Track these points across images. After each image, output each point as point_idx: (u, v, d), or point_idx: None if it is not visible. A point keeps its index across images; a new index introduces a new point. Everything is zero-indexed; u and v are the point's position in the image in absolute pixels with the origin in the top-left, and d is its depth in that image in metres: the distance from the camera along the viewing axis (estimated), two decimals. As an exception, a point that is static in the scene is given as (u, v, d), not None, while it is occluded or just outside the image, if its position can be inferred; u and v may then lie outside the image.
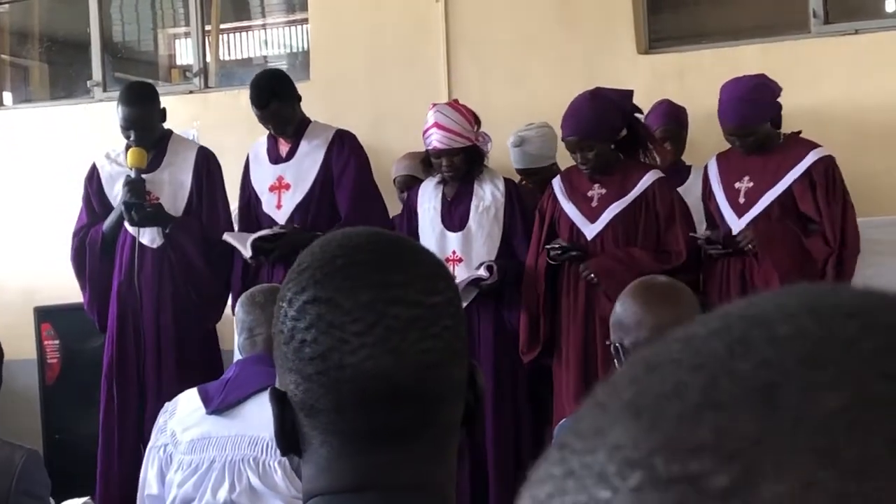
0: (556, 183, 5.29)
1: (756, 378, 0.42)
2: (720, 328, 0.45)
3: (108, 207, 5.77)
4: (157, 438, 3.25)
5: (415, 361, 1.18)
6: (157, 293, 5.58)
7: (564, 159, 5.63)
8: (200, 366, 5.37)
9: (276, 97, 5.52)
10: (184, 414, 3.19)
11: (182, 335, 5.55)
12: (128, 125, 5.62)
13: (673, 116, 5.81)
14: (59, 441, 6.41)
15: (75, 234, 5.84)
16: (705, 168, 5.25)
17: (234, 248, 5.56)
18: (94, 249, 5.73)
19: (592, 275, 4.96)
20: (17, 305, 6.72)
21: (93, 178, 5.87)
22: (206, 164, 5.74)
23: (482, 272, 5.18)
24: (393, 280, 1.19)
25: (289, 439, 1.22)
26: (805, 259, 4.90)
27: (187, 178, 5.70)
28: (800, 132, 5.16)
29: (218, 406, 3.12)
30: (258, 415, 3.04)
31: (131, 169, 5.58)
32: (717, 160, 5.19)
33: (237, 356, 3.42)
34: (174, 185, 5.69)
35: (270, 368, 3.12)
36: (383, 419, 1.18)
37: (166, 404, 3.32)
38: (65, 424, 6.48)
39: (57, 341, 6.52)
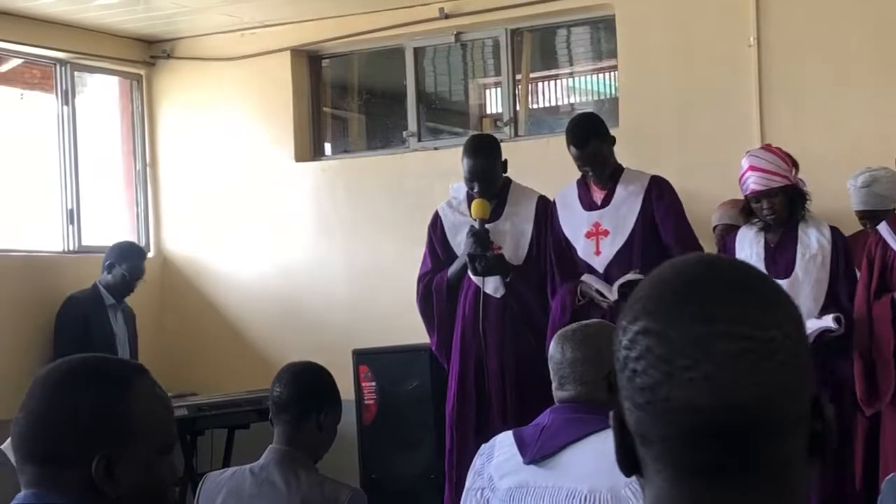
0: (884, 228, 5.10)
1: None
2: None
3: (451, 254, 5.94)
4: (473, 481, 3.28)
5: (744, 398, 1.16)
6: (501, 340, 5.71)
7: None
8: (540, 410, 5.46)
9: (594, 137, 5.57)
10: (501, 459, 3.22)
11: (524, 380, 5.64)
12: (472, 177, 5.78)
13: None
14: (375, 480, 6.60)
15: (420, 280, 6.03)
16: None
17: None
18: (440, 295, 5.92)
19: None
20: (337, 346, 6.98)
21: (436, 225, 6.05)
22: (546, 212, 5.83)
23: (831, 324, 5.01)
24: (725, 313, 1.18)
25: (628, 461, 1.24)
26: None
27: (528, 227, 5.82)
28: None
29: (535, 456, 3.13)
30: (575, 466, 3.04)
31: (475, 220, 5.74)
32: None
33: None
34: (515, 235, 5.82)
35: (585, 416, 3.13)
36: (711, 454, 1.17)
37: (483, 446, 3.35)
38: (381, 464, 6.67)
39: (374, 383, 6.73)
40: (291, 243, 7.93)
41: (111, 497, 1.87)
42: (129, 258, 7.23)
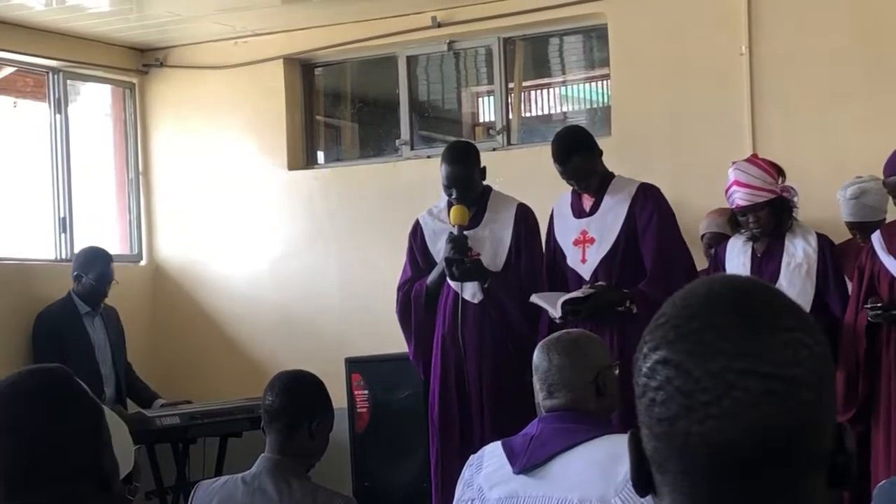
0: (876, 238, 5.11)
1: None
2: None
3: (431, 262, 5.94)
4: (463, 492, 3.28)
5: (764, 435, 1.14)
6: (479, 346, 5.71)
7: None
8: (519, 417, 5.45)
9: (576, 153, 5.57)
10: (490, 469, 3.22)
11: (503, 386, 5.64)
12: (450, 183, 5.80)
13: None
14: (368, 489, 6.60)
15: (400, 288, 6.03)
16: None
17: None
18: (418, 303, 5.92)
19: None
20: (329, 354, 6.99)
21: (416, 233, 6.06)
22: (525, 220, 5.85)
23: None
24: (747, 349, 1.14)
25: (643, 482, 1.23)
26: None
27: (507, 235, 5.82)
28: None
29: (524, 466, 3.14)
30: (565, 476, 3.05)
31: (454, 226, 5.74)
32: None
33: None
34: (494, 242, 5.82)
35: (573, 425, 3.13)
36: (730, 489, 1.16)
37: (471, 457, 3.35)
38: (373, 473, 6.67)
39: (366, 391, 6.74)
40: (284, 251, 7.93)
41: (116, 491, 1.95)
42: (94, 265, 7.12)
